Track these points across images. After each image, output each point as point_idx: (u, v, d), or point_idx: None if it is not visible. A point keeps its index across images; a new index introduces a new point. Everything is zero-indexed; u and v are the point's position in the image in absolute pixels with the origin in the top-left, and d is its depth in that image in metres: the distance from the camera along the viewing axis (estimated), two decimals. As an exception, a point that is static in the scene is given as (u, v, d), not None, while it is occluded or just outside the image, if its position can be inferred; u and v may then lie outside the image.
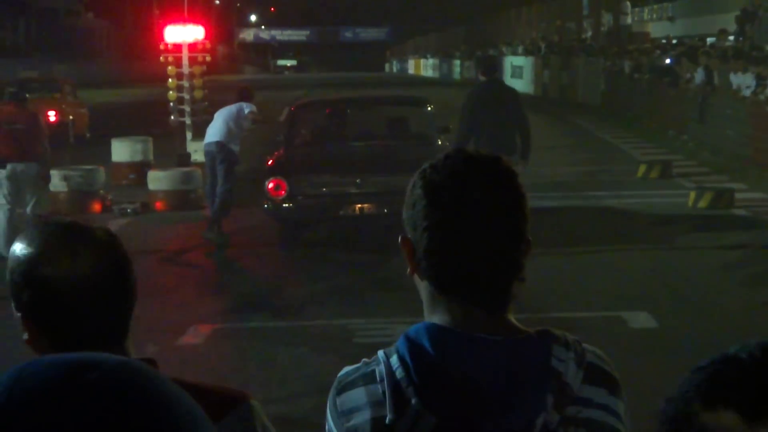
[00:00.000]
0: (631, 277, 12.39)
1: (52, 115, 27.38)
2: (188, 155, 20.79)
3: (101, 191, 17.84)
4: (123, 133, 22.38)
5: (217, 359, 9.53)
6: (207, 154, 14.90)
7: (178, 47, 21.36)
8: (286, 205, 14.10)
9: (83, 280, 2.15)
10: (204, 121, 22.11)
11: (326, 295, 11.92)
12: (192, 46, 21.48)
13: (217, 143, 14.61)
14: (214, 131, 14.75)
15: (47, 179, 14.61)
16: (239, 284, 12.96)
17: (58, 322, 2.16)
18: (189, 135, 21.41)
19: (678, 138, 27.01)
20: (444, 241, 2.04)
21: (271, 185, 14.03)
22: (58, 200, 17.32)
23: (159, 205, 17.72)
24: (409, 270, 2.12)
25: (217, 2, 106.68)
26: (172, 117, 21.67)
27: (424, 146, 14.75)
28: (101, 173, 18.05)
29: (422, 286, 2.11)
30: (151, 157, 20.84)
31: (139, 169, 20.01)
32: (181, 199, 17.74)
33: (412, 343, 2.03)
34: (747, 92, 22.82)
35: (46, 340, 2.18)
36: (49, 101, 28.27)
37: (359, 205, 14.03)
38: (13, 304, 2.20)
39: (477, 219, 2.03)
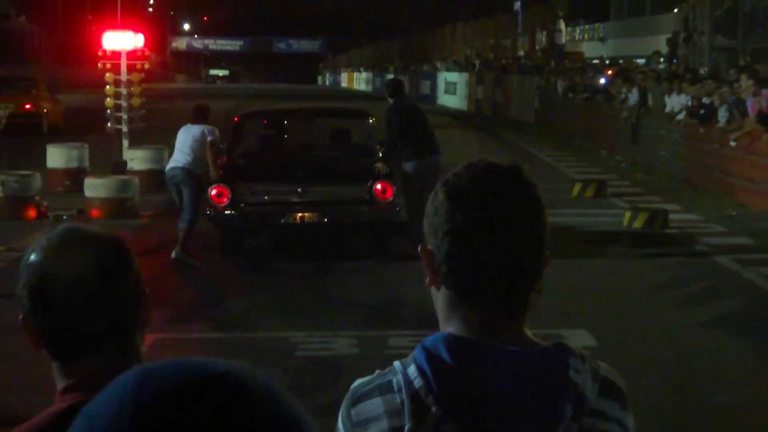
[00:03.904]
0: (569, 295, 12.48)
1: (27, 107, 33.68)
2: (125, 163, 20.65)
3: (37, 197, 17.65)
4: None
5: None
6: (170, 179, 14.07)
7: (116, 54, 21.28)
8: (228, 212, 14.13)
9: (69, 283, 2.21)
10: (141, 129, 22.09)
11: (268, 307, 11.90)
12: (130, 54, 21.41)
13: (183, 169, 13.87)
14: (179, 156, 13.99)
15: None
16: (180, 293, 12.89)
17: (47, 324, 2.23)
18: (125, 142, 21.28)
19: (611, 158, 27.30)
20: (465, 245, 2.04)
21: (213, 192, 14.05)
22: (-7, 204, 17.09)
23: (95, 212, 17.58)
24: (427, 280, 2.11)
25: (151, 10, 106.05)
26: (109, 124, 21.55)
27: (364, 157, 14.94)
28: (37, 179, 17.86)
29: (439, 296, 2.12)
30: (86, 163, 20.69)
31: (75, 176, 19.86)
32: (117, 207, 17.61)
33: (430, 353, 2.03)
34: (681, 116, 23.08)
35: (40, 342, 2.25)
36: (25, 96, 34.23)
37: (300, 214, 14.11)
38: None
39: (499, 224, 2.04)
